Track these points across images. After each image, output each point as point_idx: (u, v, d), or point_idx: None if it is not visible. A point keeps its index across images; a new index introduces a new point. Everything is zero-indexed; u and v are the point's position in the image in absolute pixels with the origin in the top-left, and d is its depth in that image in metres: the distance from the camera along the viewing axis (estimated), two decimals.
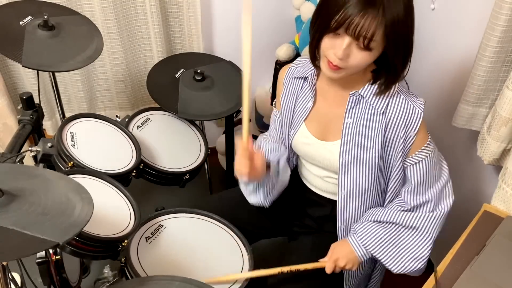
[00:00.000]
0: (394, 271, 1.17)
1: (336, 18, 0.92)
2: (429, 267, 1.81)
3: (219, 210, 1.33)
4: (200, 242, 1.26)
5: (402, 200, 1.16)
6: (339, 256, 1.16)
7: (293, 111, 1.21)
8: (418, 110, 1.05)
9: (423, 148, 1.08)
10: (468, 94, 1.31)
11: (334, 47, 0.96)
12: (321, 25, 0.96)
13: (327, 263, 1.16)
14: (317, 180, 1.25)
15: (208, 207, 1.35)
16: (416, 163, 1.09)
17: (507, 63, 1.22)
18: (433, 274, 1.02)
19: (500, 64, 1.22)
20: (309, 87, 1.16)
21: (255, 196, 1.25)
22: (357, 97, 1.07)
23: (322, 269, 1.17)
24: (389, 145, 1.08)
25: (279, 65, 1.94)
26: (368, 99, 1.06)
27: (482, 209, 1.19)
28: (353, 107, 1.09)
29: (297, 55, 1.93)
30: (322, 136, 1.16)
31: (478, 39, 1.24)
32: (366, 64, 0.99)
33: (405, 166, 1.11)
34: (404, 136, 1.06)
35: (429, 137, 1.10)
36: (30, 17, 1.42)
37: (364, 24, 0.90)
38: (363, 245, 1.15)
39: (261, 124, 2.18)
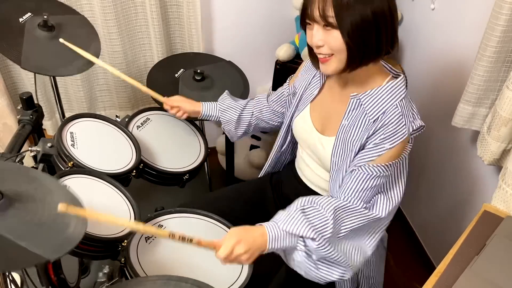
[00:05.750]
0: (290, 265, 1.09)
1: (303, 10, 1.01)
2: (429, 265, 1.82)
3: (214, 208, 1.34)
4: None
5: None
6: (241, 238, 0.97)
7: (302, 93, 1.24)
8: (405, 132, 1.02)
9: (384, 164, 1.05)
10: (468, 94, 1.31)
11: (311, 38, 1.02)
12: (301, 22, 1.05)
13: (223, 245, 0.97)
14: (311, 174, 1.27)
15: (204, 205, 1.35)
16: (367, 171, 1.05)
17: (507, 63, 1.22)
18: (434, 273, 1.02)
19: (500, 64, 1.22)
20: (319, 75, 1.20)
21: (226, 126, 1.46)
22: (357, 100, 1.08)
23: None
24: (365, 146, 1.07)
25: (279, 65, 1.94)
26: (364, 106, 1.07)
27: (482, 209, 1.19)
28: (352, 110, 1.09)
29: (297, 55, 1.94)
30: (321, 128, 1.18)
31: (478, 39, 1.24)
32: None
33: (357, 165, 1.06)
34: (379, 142, 1.03)
35: (396, 160, 1.06)
36: (30, 13, 1.40)
37: (319, 4, 0.96)
38: (277, 223, 1.02)
39: None
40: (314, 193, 1.28)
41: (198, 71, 1.64)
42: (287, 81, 1.37)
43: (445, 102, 1.62)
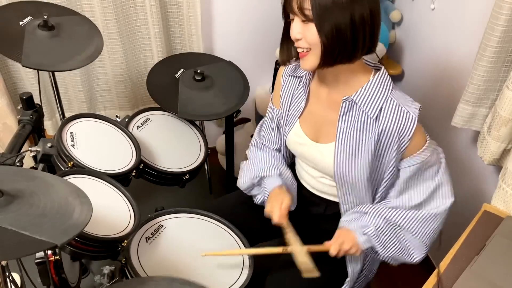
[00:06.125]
0: (389, 262, 1.19)
1: (284, 3, 1.04)
2: (429, 265, 1.82)
3: (216, 214, 1.34)
4: (200, 242, 1.26)
5: (391, 199, 1.17)
6: (344, 239, 1.15)
7: (289, 109, 1.23)
8: (412, 116, 1.04)
9: (419, 152, 1.08)
10: (468, 94, 1.31)
11: (292, 31, 1.04)
12: (283, 15, 1.07)
13: (333, 245, 1.14)
14: (311, 180, 1.27)
15: (208, 210, 1.35)
16: (410, 166, 1.09)
17: (507, 63, 1.22)
18: (434, 273, 1.02)
19: (500, 64, 1.22)
20: (302, 87, 1.19)
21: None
22: (350, 102, 1.08)
23: (326, 264, 1.17)
24: (383, 151, 1.08)
25: (279, 65, 1.93)
26: (360, 105, 1.06)
27: (482, 209, 1.19)
28: (346, 113, 1.09)
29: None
30: (315, 137, 1.18)
31: (478, 39, 1.24)
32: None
33: (399, 168, 1.11)
34: (398, 142, 1.06)
35: (428, 141, 1.09)
36: (30, 17, 1.42)
37: None
38: (364, 233, 1.15)
39: None
40: (318, 197, 1.28)
41: (198, 71, 1.64)
42: (271, 106, 1.32)
43: (445, 102, 1.62)
